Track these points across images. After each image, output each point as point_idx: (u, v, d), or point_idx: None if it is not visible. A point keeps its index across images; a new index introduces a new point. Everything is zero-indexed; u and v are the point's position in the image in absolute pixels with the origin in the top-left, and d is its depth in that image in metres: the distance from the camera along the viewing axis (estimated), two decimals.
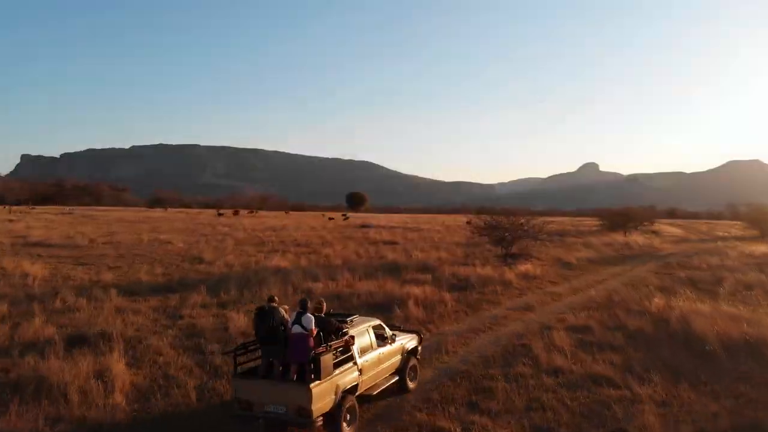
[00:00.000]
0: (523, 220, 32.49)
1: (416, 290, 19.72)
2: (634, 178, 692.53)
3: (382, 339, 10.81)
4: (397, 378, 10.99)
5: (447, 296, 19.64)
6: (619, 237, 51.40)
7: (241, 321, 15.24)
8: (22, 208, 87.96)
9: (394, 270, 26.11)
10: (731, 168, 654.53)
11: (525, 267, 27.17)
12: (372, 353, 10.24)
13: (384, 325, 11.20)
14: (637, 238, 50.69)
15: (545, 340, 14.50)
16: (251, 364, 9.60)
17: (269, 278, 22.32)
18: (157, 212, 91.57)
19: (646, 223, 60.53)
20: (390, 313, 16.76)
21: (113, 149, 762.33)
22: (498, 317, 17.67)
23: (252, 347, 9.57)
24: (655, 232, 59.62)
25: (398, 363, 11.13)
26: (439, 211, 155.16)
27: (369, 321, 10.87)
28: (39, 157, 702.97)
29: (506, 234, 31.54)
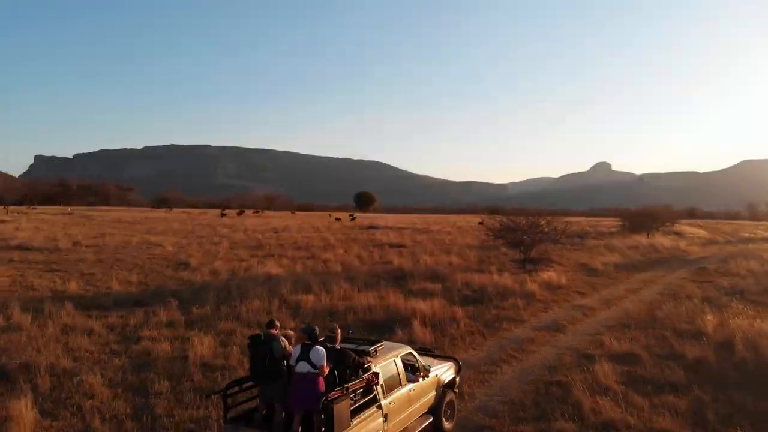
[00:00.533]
0: (543, 222, 29.29)
1: (423, 305, 16.63)
2: (646, 178, 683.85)
3: (412, 370, 8.31)
4: (431, 419, 8.64)
5: (459, 312, 16.55)
6: (642, 239, 48.29)
7: (205, 347, 12.32)
8: (22, 208, 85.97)
9: (399, 278, 23.19)
10: (745, 167, 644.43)
11: (547, 274, 24.06)
12: (400, 391, 7.94)
13: (415, 354, 8.60)
14: (661, 240, 47.55)
15: (585, 374, 11.44)
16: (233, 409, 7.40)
17: (255, 289, 19.39)
18: (161, 212, 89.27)
19: (667, 224, 57.49)
20: (391, 335, 13.82)
21: (125, 150, 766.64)
22: (522, 340, 14.58)
23: (247, 386, 7.57)
24: (678, 234, 56.58)
25: (432, 400, 8.65)
26: (450, 211, 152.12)
27: (397, 349, 8.41)
28: (52, 158, 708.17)
29: (524, 237, 28.40)
